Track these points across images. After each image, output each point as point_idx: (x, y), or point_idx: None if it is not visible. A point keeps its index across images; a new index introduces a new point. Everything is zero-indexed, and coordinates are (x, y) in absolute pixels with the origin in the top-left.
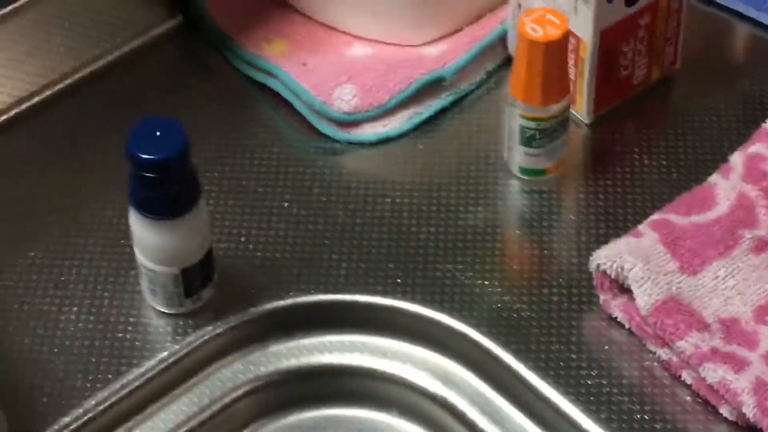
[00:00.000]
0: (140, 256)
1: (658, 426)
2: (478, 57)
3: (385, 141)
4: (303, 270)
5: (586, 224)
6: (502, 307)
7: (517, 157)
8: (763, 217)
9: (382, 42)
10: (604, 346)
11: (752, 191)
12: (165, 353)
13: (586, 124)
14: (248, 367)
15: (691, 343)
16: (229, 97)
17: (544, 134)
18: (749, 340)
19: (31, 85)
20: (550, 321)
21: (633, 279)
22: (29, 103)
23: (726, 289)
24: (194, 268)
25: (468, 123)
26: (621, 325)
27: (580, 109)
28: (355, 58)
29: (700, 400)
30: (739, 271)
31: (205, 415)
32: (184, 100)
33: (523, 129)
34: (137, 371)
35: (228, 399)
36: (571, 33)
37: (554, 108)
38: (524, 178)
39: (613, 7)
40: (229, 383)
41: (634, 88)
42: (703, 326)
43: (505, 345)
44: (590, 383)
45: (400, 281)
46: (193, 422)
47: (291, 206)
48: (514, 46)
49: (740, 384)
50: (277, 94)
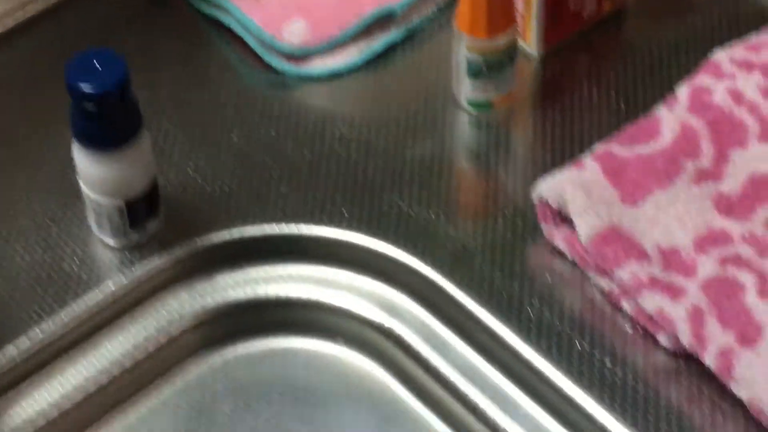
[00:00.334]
0: (85, 188)
1: (597, 355)
2: None
3: (336, 75)
4: (250, 202)
5: (533, 156)
6: (447, 238)
7: (465, 90)
8: (706, 148)
9: None
10: (547, 277)
11: (696, 122)
12: (111, 285)
13: (536, 58)
14: (195, 298)
15: (629, 272)
16: (182, 32)
17: (490, 67)
18: (687, 270)
19: None
20: (494, 252)
21: (574, 209)
22: None
23: (667, 219)
24: (139, 200)
25: (419, 58)
26: (564, 256)
27: (530, 43)
28: None
29: (640, 329)
30: (681, 201)
31: (152, 347)
32: (138, 34)
33: (470, 62)
34: (83, 302)
35: (175, 330)
36: None
37: (500, 40)
38: (472, 111)
39: None
40: (176, 314)
41: (585, 21)
42: (643, 255)
43: (449, 276)
44: (532, 313)
45: (347, 213)
46: (140, 353)
47: (240, 140)
48: None
49: (677, 312)
50: (230, 29)
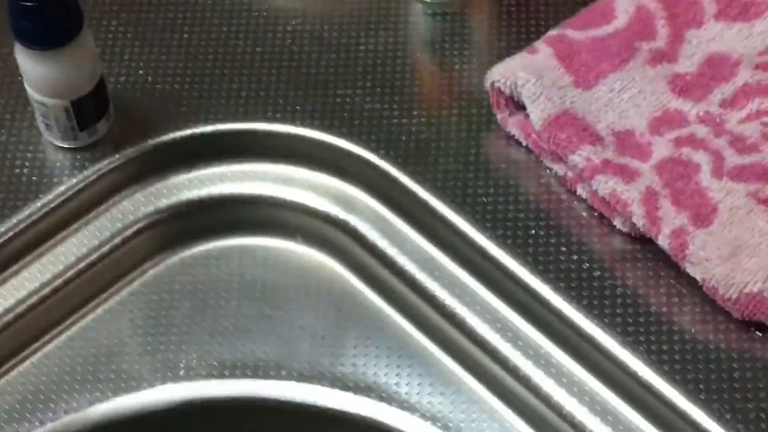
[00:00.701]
0: (29, 89)
1: (553, 240)
2: None
3: None
4: (202, 100)
5: (489, 46)
6: (401, 130)
7: None
8: (661, 29)
9: None
10: (502, 165)
11: (651, 3)
12: (63, 187)
13: None
14: (149, 199)
15: (583, 156)
16: None
17: None
18: (642, 152)
19: None
20: (449, 142)
21: (526, 95)
22: None
23: (621, 101)
24: (86, 100)
25: None
26: (519, 143)
27: None
28: None
29: (596, 213)
30: (635, 84)
31: (107, 249)
32: None
33: None
34: (35, 206)
35: (129, 232)
36: None
37: None
38: (427, 0)
39: None
40: (131, 216)
41: None
42: (597, 139)
43: (404, 168)
44: (488, 201)
45: (300, 108)
46: (95, 256)
47: (191, 38)
48: None
49: (630, 195)
50: None
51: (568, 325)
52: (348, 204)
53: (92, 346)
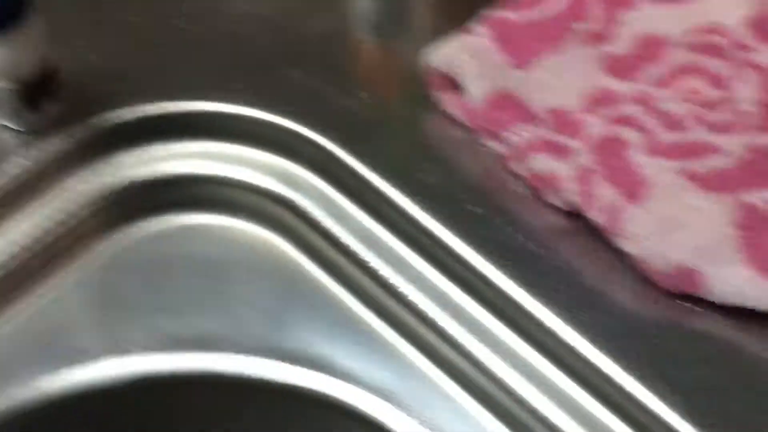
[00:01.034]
0: None
1: (491, 216)
2: None
3: None
4: (148, 81)
5: (428, 27)
6: (344, 110)
7: None
8: (595, 11)
9: None
10: (442, 144)
11: None
12: (11, 168)
13: None
14: (97, 178)
15: (519, 134)
16: None
17: None
18: (576, 130)
19: None
20: (390, 121)
21: (465, 75)
22: None
23: (556, 81)
24: (33, 83)
25: None
26: (458, 123)
27: None
28: None
29: (532, 191)
30: (570, 64)
31: (57, 228)
32: None
33: None
34: None
35: (79, 211)
36: None
37: None
38: None
39: None
40: (80, 195)
41: None
42: (532, 118)
43: (346, 146)
44: (428, 180)
45: (244, 88)
46: (45, 235)
47: (135, 20)
48: None
49: (565, 171)
50: None
51: (505, 298)
52: (292, 182)
53: (44, 322)
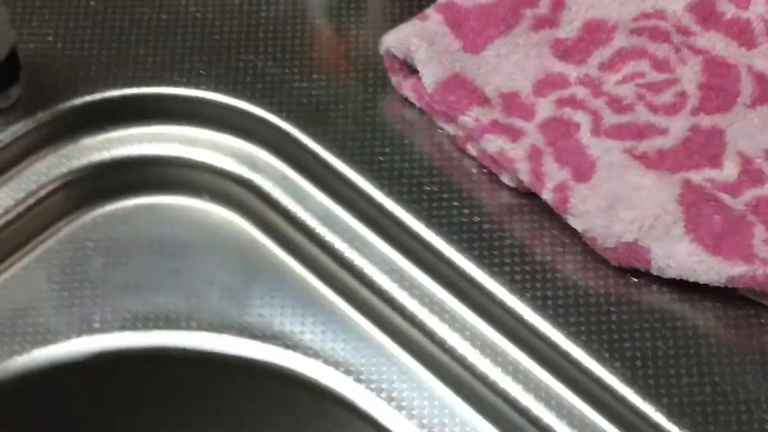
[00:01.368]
0: None
1: (446, 196)
2: None
3: None
4: (111, 66)
5: (383, 12)
6: (302, 93)
7: None
8: None
9: None
10: (398, 126)
11: None
12: None
13: None
14: (61, 161)
15: (472, 117)
16: None
17: None
18: (527, 112)
19: None
20: (347, 104)
21: (419, 59)
22: None
23: (507, 65)
24: None
25: None
26: (413, 105)
27: None
28: None
29: (485, 170)
30: (520, 49)
31: (22, 209)
32: None
33: None
34: None
35: (43, 192)
36: None
37: None
38: None
39: None
40: (44, 177)
41: None
42: (485, 101)
43: (305, 129)
44: (384, 160)
45: (205, 72)
46: (10, 215)
47: (98, 4)
48: None
49: (516, 152)
50: None
51: (459, 273)
52: (252, 163)
53: (9, 302)
